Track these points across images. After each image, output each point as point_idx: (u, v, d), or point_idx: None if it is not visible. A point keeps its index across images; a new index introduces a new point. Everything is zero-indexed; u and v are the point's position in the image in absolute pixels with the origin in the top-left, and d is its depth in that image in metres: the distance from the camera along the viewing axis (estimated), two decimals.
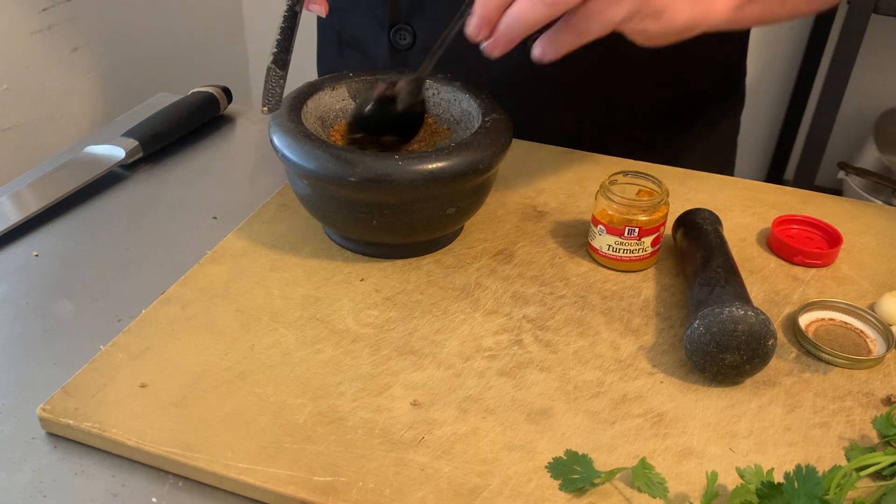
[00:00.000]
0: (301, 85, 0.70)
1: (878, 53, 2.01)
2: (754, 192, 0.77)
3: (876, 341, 0.59)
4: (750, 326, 0.53)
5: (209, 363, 0.55)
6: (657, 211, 0.63)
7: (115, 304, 0.62)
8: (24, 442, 0.51)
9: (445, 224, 0.64)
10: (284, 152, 0.61)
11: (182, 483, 0.49)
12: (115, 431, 0.50)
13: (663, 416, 0.52)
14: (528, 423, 0.51)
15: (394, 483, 0.47)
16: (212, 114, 0.89)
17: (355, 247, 0.67)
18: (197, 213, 0.74)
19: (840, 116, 1.82)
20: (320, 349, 0.57)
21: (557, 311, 0.61)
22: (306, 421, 0.51)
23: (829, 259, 0.67)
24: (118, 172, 0.79)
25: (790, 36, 2.12)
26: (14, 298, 0.62)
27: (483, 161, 0.61)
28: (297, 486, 0.46)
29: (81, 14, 1.58)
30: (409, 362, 0.56)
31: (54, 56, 1.55)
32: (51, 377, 0.55)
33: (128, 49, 1.71)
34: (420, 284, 0.63)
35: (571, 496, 0.47)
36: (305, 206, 0.66)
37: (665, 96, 0.85)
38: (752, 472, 0.47)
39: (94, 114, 1.66)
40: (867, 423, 0.52)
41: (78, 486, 0.48)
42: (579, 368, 0.56)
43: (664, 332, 0.59)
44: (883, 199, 1.83)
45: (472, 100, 0.68)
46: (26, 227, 0.70)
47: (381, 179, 0.58)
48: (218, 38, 2.04)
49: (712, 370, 0.54)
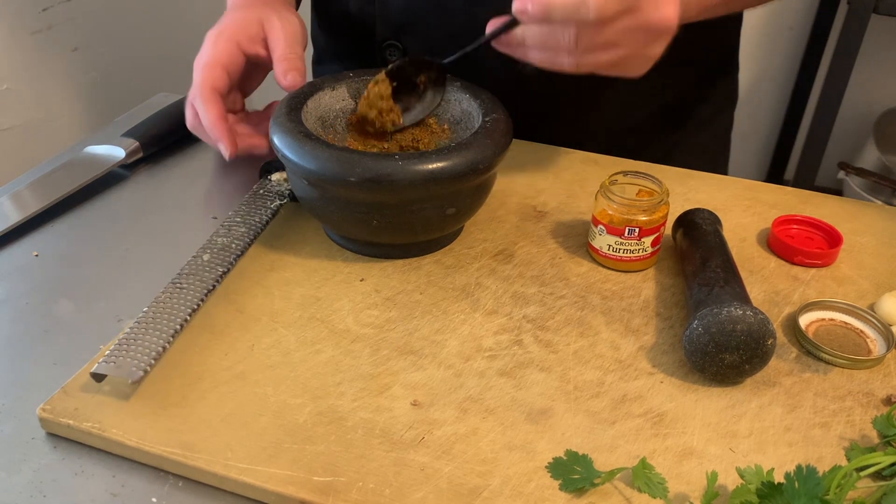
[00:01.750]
0: (301, 85, 0.70)
1: (878, 53, 2.01)
2: (754, 192, 0.77)
3: (876, 341, 0.59)
4: (749, 326, 0.53)
5: (209, 363, 0.55)
6: (657, 211, 0.63)
7: (115, 304, 0.62)
8: (24, 442, 0.51)
9: (445, 224, 0.64)
10: (284, 152, 0.61)
11: (182, 483, 0.49)
12: (115, 431, 0.50)
13: (663, 416, 0.52)
14: (528, 423, 0.51)
15: (394, 483, 0.47)
16: None
17: (355, 247, 0.67)
18: (197, 213, 0.74)
19: (840, 116, 1.82)
20: (320, 349, 0.57)
21: (557, 312, 0.61)
22: (306, 421, 0.51)
23: (829, 259, 0.67)
24: (118, 172, 0.79)
25: (790, 36, 2.12)
26: (14, 298, 0.62)
27: (483, 161, 0.61)
28: (297, 486, 0.46)
29: (81, 14, 1.58)
30: (410, 362, 0.56)
31: (54, 56, 1.55)
32: (51, 377, 0.55)
33: (128, 49, 1.71)
34: (420, 284, 0.63)
35: (571, 496, 0.47)
36: (305, 206, 0.66)
37: (661, 95, 0.85)
38: (752, 472, 0.47)
39: (94, 114, 1.66)
40: (867, 423, 0.52)
41: (78, 486, 0.48)
42: (579, 368, 0.56)
43: (664, 332, 0.59)
44: (883, 199, 1.83)
45: (472, 100, 0.68)
46: (26, 227, 0.70)
47: (381, 179, 0.58)
48: None
49: (712, 370, 0.54)
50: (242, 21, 0.74)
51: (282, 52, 0.71)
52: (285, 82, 0.71)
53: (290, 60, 0.71)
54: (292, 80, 0.71)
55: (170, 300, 0.58)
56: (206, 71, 0.71)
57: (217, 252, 0.63)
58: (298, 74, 0.71)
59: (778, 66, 2.16)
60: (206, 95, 0.70)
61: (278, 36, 0.72)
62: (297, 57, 0.72)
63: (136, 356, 0.53)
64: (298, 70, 0.71)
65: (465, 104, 0.69)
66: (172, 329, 0.55)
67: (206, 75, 0.70)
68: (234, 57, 0.72)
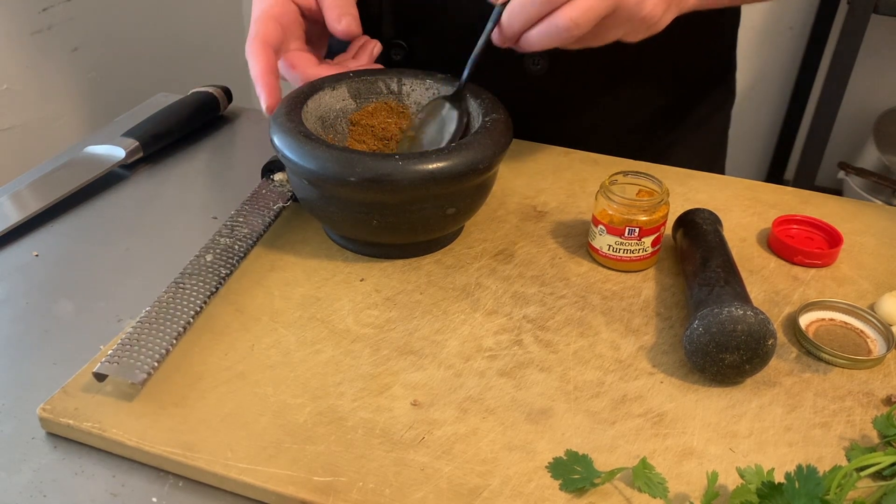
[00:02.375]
0: (301, 85, 0.70)
1: (878, 53, 2.01)
2: (754, 192, 0.77)
3: (876, 341, 0.59)
4: (749, 326, 0.53)
5: (209, 363, 0.55)
6: (657, 211, 0.63)
7: (115, 304, 0.62)
8: (24, 442, 0.51)
9: (445, 224, 0.64)
10: (284, 152, 0.61)
11: (182, 483, 0.49)
12: (115, 431, 0.50)
13: (663, 416, 0.52)
14: (528, 423, 0.51)
15: (394, 483, 0.47)
16: (212, 114, 0.89)
17: (355, 247, 0.67)
18: (197, 213, 0.74)
19: (840, 116, 1.82)
20: (320, 349, 0.57)
21: (557, 312, 0.61)
22: (306, 421, 0.51)
23: (829, 259, 0.67)
24: (118, 172, 0.79)
25: (790, 36, 2.12)
26: (14, 298, 0.62)
27: (483, 161, 0.61)
28: (297, 486, 0.46)
29: (81, 14, 1.58)
30: (410, 362, 0.56)
31: (54, 56, 1.55)
32: (51, 377, 0.55)
33: (128, 49, 1.71)
34: (420, 284, 0.63)
35: (572, 496, 0.47)
36: (305, 206, 0.66)
37: (659, 95, 0.85)
38: (752, 472, 0.47)
39: (94, 114, 1.66)
40: (867, 423, 0.52)
41: (78, 486, 0.48)
42: (579, 368, 0.56)
43: (664, 332, 0.59)
44: (883, 199, 1.83)
45: (472, 100, 0.68)
46: (26, 227, 0.70)
47: (381, 179, 0.58)
48: (218, 38, 2.04)
49: (712, 370, 0.54)
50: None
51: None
52: (339, 27, 0.68)
53: (341, 6, 0.68)
54: (346, 25, 0.68)
55: (172, 301, 0.58)
56: (256, 25, 0.68)
57: (220, 253, 0.63)
58: (353, 20, 0.68)
59: (778, 66, 2.16)
60: (254, 48, 0.67)
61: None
62: (349, 2, 0.69)
63: (139, 357, 0.53)
64: (352, 15, 0.68)
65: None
66: (175, 331, 0.55)
67: (256, 29, 0.68)
68: (285, 7, 0.69)
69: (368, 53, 0.74)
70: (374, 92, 0.71)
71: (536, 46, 0.60)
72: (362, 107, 0.70)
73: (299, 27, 0.72)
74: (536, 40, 0.60)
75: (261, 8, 0.69)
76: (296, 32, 0.71)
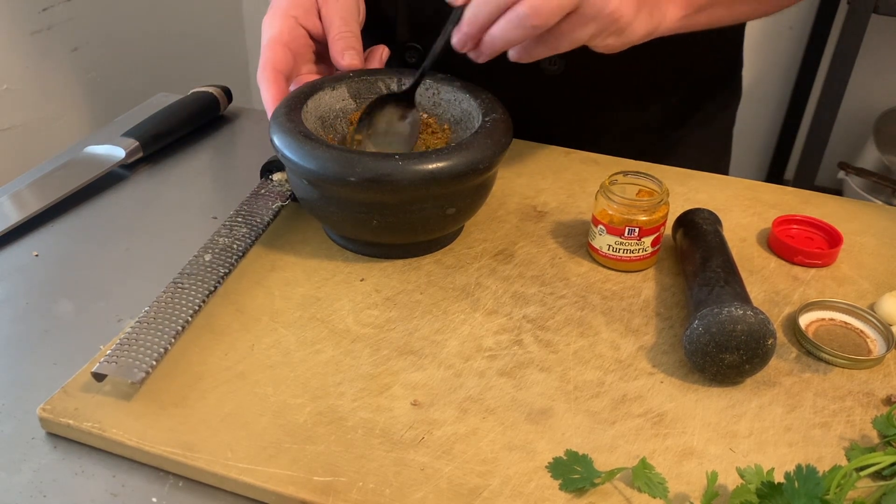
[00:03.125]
0: (301, 85, 0.70)
1: (878, 53, 2.01)
2: (754, 192, 0.77)
3: (876, 341, 0.59)
4: (749, 326, 0.53)
5: (209, 363, 0.55)
6: (657, 211, 0.63)
7: (115, 304, 0.62)
8: (24, 442, 0.51)
9: (445, 224, 0.64)
10: (284, 152, 0.61)
11: (182, 483, 0.49)
12: (115, 431, 0.50)
13: (663, 416, 0.52)
14: (528, 423, 0.51)
15: (394, 483, 0.47)
16: (212, 114, 0.89)
17: (355, 247, 0.67)
18: (197, 213, 0.74)
19: (840, 116, 1.82)
20: (320, 349, 0.57)
21: (557, 311, 0.61)
22: (306, 421, 0.51)
23: (829, 259, 0.67)
24: (118, 172, 0.79)
25: (790, 36, 2.12)
26: (14, 298, 0.62)
27: (483, 161, 0.61)
28: (297, 486, 0.46)
29: (81, 14, 1.58)
30: (410, 362, 0.56)
31: (54, 56, 1.55)
32: (51, 377, 0.55)
33: (128, 49, 1.72)
34: (420, 284, 0.63)
35: (571, 496, 0.47)
36: (305, 207, 0.66)
37: (670, 93, 0.85)
38: (752, 472, 0.47)
39: (94, 114, 1.66)
40: (867, 423, 0.52)
41: (78, 486, 0.48)
42: (579, 368, 0.56)
43: (664, 332, 0.59)
44: (883, 199, 1.83)
45: (472, 100, 0.68)
46: (26, 227, 0.70)
47: (381, 179, 0.58)
48: (218, 38, 2.04)
49: (712, 370, 0.54)
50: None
51: (337, 30, 0.69)
52: (343, 62, 0.69)
53: (345, 39, 0.69)
54: (350, 60, 0.68)
55: (171, 300, 0.58)
56: (266, 51, 0.68)
57: (218, 252, 0.63)
58: (356, 55, 0.69)
59: (778, 66, 2.15)
60: (265, 76, 0.67)
61: (332, 10, 0.69)
62: (353, 35, 0.70)
63: (138, 356, 0.53)
64: (356, 49, 0.69)
65: (465, 104, 0.69)
66: (174, 330, 0.55)
67: (266, 56, 0.68)
68: (294, 32, 0.70)
69: (378, 58, 0.74)
70: (374, 92, 0.71)
71: (499, 42, 0.59)
72: (362, 107, 0.70)
73: (309, 50, 0.72)
74: (499, 33, 0.58)
75: (270, 34, 0.70)
76: (306, 56, 0.72)
